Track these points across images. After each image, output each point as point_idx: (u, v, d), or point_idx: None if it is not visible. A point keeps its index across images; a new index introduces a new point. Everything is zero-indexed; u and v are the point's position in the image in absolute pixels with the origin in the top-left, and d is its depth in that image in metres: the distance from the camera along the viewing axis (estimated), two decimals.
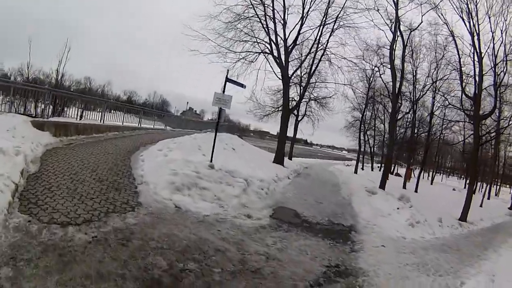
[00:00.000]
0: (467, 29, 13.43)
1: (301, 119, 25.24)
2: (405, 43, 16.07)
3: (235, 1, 16.29)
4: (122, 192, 5.99)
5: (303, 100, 22.57)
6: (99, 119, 12.00)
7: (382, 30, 16.40)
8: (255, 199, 8.10)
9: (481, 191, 28.33)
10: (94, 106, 12.84)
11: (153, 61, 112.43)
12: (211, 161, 9.07)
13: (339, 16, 16.70)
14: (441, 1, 14.14)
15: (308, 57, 18.01)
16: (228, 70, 10.55)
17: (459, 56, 14.22)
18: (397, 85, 16.01)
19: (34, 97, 10.10)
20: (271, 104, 22.32)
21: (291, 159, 23.79)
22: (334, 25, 16.97)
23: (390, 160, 17.61)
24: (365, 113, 28.72)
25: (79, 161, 7.36)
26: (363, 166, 34.38)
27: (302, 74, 19.54)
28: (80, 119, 11.63)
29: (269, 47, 17.10)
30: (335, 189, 13.73)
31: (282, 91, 19.45)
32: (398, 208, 10.49)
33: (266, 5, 16.75)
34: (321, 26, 17.06)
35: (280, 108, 20.81)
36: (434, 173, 37.91)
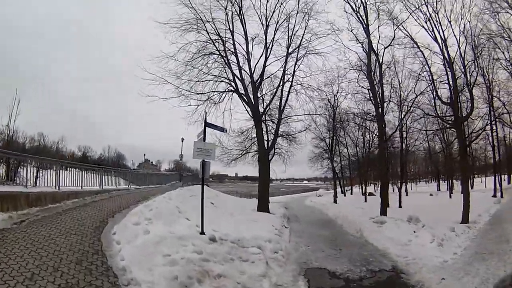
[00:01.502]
0: (433, 38, 13.87)
1: (271, 159, 23.70)
2: (381, 61, 15.82)
3: (193, 38, 15.53)
4: None
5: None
6: (54, 184, 9.99)
7: (355, 52, 16.30)
8: (279, 270, 6.95)
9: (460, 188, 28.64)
10: (50, 164, 10.85)
11: (105, 112, 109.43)
12: (202, 229, 7.78)
13: (303, 44, 16.43)
14: (403, 17, 14.32)
15: (274, 91, 17.19)
16: (206, 113, 9.82)
17: (428, 66, 14.49)
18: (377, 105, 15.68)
19: None
20: (237, 147, 20.61)
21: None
22: (298, 54, 16.59)
23: (386, 183, 17.02)
24: (334, 140, 29.60)
25: (35, 253, 5.51)
26: (335, 193, 34.35)
27: (268, 110, 18.17)
28: (35, 183, 9.66)
29: (233, 84, 16.24)
30: (338, 228, 13.30)
31: (252, 131, 18.28)
32: (414, 232, 10.23)
33: (225, 39, 16.12)
34: (287, 56, 16.61)
35: (248, 150, 19.79)
36: (405, 184, 38.15)
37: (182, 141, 30.52)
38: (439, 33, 13.76)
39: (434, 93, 14.76)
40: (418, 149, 29.97)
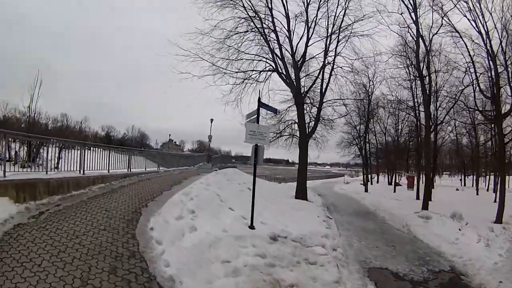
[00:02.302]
0: (476, 29, 12.94)
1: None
2: (429, 48, 14.69)
3: (228, 15, 14.43)
4: None
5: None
6: (78, 168, 8.70)
7: (401, 36, 15.82)
8: (346, 273, 6.10)
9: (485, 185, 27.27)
10: (73, 145, 9.62)
11: (128, 94, 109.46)
12: (251, 222, 6.94)
13: (344, 25, 15.06)
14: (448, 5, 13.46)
15: (317, 72, 15.85)
16: (260, 92, 8.24)
17: (471, 58, 13.58)
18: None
19: None
20: (271, 130, 21.02)
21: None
22: (339, 36, 15.21)
23: (430, 176, 16.63)
24: (368, 126, 28.25)
25: (57, 259, 4.18)
26: (366, 181, 32.85)
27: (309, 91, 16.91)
28: (57, 166, 8.46)
29: (273, 64, 15.08)
30: (381, 220, 12.82)
31: (286, 114, 17.85)
32: (460, 230, 9.94)
33: (263, 17, 14.81)
34: (327, 38, 15.25)
35: (282, 133, 19.23)
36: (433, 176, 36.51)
37: (211, 122, 29.35)
38: (483, 26, 12.84)
39: (476, 86, 14.06)
40: (446, 142, 29.65)
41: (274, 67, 15.03)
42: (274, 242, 5.83)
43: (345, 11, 14.74)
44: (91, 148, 10.05)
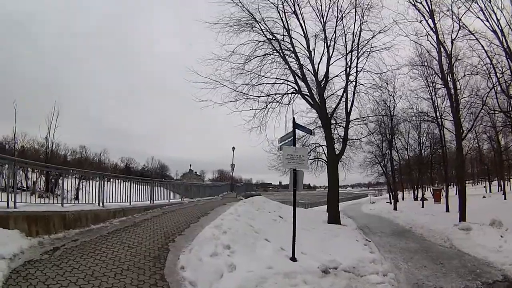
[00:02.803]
0: (491, 29, 12.69)
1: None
2: (451, 54, 14.05)
3: (245, 39, 14.23)
4: None
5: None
6: (98, 200, 7.97)
7: (421, 45, 15.38)
8: None
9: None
10: (93, 176, 8.98)
11: (146, 125, 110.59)
12: (293, 254, 6.15)
13: (362, 41, 14.56)
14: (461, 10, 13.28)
15: (341, 91, 15.21)
16: (293, 114, 7.52)
17: (490, 59, 13.34)
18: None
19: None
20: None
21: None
22: (358, 52, 14.63)
23: (464, 187, 14.88)
24: (392, 143, 27.17)
25: None
26: (391, 199, 33.30)
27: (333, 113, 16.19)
28: (76, 197, 7.78)
29: (295, 86, 14.62)
30: (419, 238, 12.32)
31: (310, 137, 16.97)
32: (502, 236, 9.62)
33: (280, 40, 14.54)
34: (347, 55, 14.70)
35: (310, 157, 18.49)
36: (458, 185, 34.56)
37: (233, 150, 28.75)
38: (497, 25, 12.65)
39: (499, 87, 13.63)
40: (470, 150, 28.57)
41: (297, 89, 14.58)
42: (326, 275, 5.09)
43: (361, 26, 14.40)
44: (111, 179, 9.31)
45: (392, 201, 28.11)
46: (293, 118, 7.21)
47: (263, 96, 14.28)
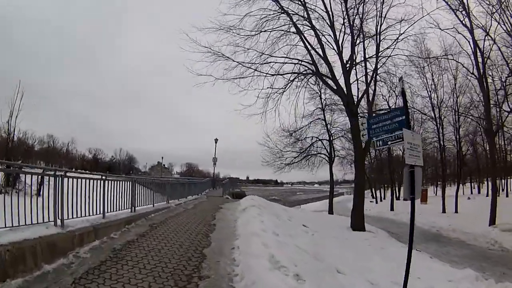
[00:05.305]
0: None
1: (332, 161, 21.57)
2: (482, 50, 13.89)
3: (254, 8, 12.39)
4: None
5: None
6: (53, 216, 4.86)
7: (453, 37, 14.71)
8: None
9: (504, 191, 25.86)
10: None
11: (114, 116, 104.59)
12: None
13: (390, 26, 12.63)
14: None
15: (364, 77, 13.15)
16: (402, 82, 4.90)
17: None
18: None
19: None
20: (293, 149, 20.23)
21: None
22: (379, 37, 12.63)
23: (496, 186, 14.99)
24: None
25: None
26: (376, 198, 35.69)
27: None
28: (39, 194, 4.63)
29: (311, 67, 12.58)
30: (457, 241, 11.74)
31: (307, 130, 17.97)
32: None
33: (296, 11, 12.35)
34: (378, 35, 12.59)
35: (309, 152, 19.58)
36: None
37: (216, 142, 25.80)
38: None
39: None
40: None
41: (314, 70, 12.47)
42: None
43: (387, 9, 12.37)
44: (73, 179, 5.80)
45: (391, 200, 27.43)
46: (402, 89, 4.66)
47: (280, 75, 12.30)
